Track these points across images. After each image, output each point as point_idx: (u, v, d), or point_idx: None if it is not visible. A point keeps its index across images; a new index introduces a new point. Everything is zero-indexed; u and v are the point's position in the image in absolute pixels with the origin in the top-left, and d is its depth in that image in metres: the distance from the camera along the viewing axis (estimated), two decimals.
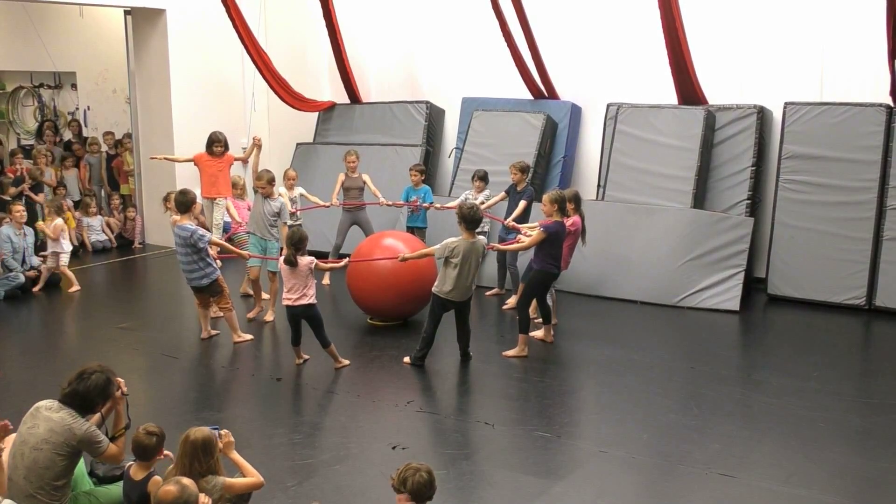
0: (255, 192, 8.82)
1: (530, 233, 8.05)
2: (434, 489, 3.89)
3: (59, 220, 10.32)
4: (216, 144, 9.82)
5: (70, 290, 10.18)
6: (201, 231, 7.91)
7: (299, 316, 7.31)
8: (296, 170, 10.58)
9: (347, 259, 8.24)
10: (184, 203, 7.93)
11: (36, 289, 10.13)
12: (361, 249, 8.68)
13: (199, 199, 8.42)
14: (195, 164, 9.89)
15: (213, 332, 8.30)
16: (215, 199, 9.84)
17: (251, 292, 9.30)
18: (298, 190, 10.21)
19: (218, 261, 8.45)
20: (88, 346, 8.26)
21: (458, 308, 7.40)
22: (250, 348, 8.04)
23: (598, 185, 10.55)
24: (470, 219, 7.28)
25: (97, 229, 12.61)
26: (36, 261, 10.29)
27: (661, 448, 5.86)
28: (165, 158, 10.76)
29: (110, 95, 15.03)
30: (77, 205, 12.79)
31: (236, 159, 10.25)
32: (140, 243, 12.90)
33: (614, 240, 9.84)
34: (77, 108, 15.49)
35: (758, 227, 9.72)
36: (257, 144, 9.75)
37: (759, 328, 8.94)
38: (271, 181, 8.80)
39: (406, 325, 8.65)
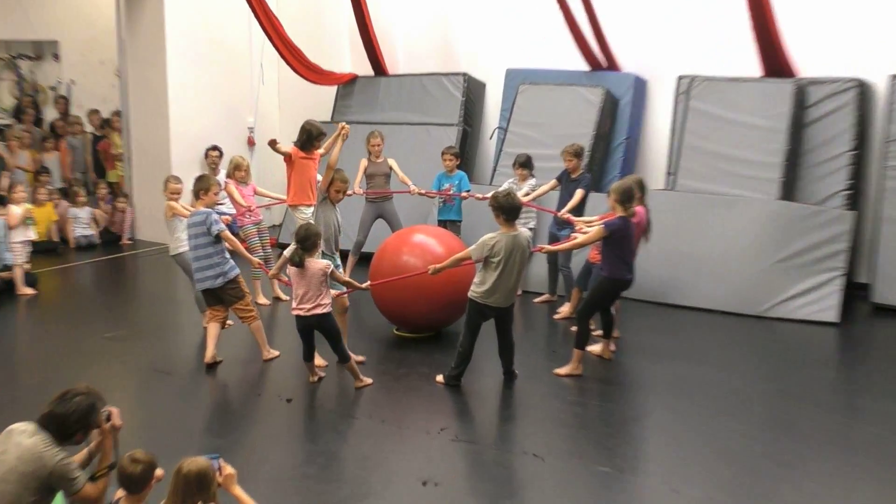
0: (324, 198, 7.86)
1: (587, 228, 7.96)
2: None
3: (12, 208, 10.50)
4: (320, 138, 8.69)
5: (19, 292, 10.28)
6: (216, 216, 7.92)
7: (312, 327, 7.29)
8: None
9: (368, 283, 8.07)
10: (202, 188, 7.95)
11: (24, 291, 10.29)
12: (388, 246, 8.65)
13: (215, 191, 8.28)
14: (286, 161, 8.77)
15: (219, 358, 8.06)
16: (299, 206, 8.83)
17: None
18: None
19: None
20: (69, 359, 8.30)
21: (500, 316, 7.34)
22: (256, 364, 8.04)
23: (668, 173, 10.60)
24: (508, 208, 7.17)
25: (84, 222, 12.70)
26: (10, 257, 10.35)
27: (744, 488, 5.76)
28: (273, 145, 9.27)
29: (97, 67, 15.20)
30: (63, 193, 12.93)
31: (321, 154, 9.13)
32: (129, 239, 12.97)
33: (686, 237, 9.81)
34: (60, 83, 15.65)
35: (859, 223, 9.65)
36: (344, 134, 8.29)
37: (861, 343, 8.90)
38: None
39: (438, 337, 8.66)
